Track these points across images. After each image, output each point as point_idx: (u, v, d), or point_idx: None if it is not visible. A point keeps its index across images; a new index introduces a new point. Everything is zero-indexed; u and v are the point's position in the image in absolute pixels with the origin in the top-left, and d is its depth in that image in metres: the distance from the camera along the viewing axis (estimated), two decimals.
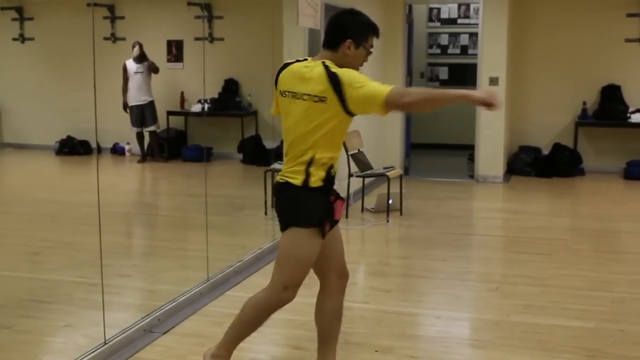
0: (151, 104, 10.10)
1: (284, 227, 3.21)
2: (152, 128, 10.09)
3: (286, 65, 3.23)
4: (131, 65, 10.05)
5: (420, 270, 5.68)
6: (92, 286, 4.45)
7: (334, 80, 3.00)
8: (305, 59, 3.20)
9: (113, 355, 3.85)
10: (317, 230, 3.14)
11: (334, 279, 3.36)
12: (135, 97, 10.06)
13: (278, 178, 3.22)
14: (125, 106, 10.02)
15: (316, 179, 3.11)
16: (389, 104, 2.94)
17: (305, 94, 3.07)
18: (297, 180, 3.12)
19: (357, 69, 3.15)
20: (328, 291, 3.37)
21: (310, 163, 3.10)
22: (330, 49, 3.16)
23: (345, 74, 3.02)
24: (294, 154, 3.14)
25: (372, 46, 3.19)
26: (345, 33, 3.12)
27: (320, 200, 3.15)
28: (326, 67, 3.04)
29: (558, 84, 9.97)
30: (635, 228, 7.07)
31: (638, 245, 6.44)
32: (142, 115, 10.07)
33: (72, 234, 6.51)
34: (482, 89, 3.20)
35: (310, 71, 3.08)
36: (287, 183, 3.15)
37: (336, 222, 3.30)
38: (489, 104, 2.93)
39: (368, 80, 3.00)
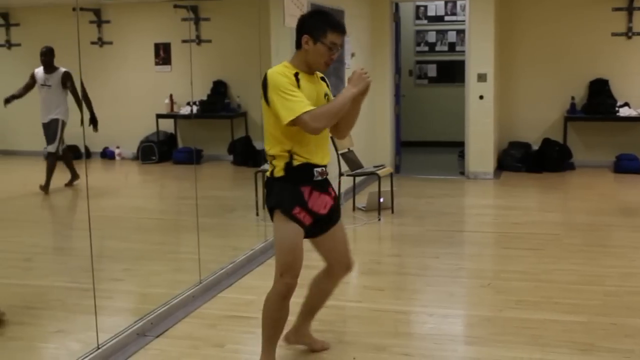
0: (54, 122, 8.18)
1: (270, 213, 3.48)
2: (49, 149, 8.17)
3: None
4: (40, 75, 8.26)
5: (413, 268, 5.69)
6: (84, 291, 4.42)
7: (264, 83, 3.26)
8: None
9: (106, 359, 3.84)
10: (286, 216, 3.33)
11: (338, 269, 3.68)
12: (43, 114, 8.29)
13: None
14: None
15: (278, 169, 3.36)
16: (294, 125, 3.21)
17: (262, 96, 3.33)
18: (268, 172, 3.44)
19: (321, 65, 3.32)
20: (331, 275, 3.69)
21: (273, 156, 3.37)
22: (297, 48, 3.36)
23: (273, 79, 3.23)
24: (267, 149, 3.43)
25: (333, 43, 3.28)
26: (302, 29, 3.31)
27: (285, 188, 3.35)
28: (267, 72, 3.29)
29: (546, 79, 10.01)
30: (625, 222, 7.11)
31: (629, 238, 6.46)
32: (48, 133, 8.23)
33: (63, 239, 6.49)
34: (351, 79, 3.25)
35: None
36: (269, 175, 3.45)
37: (323, 216, 3.45)
38: (364, 91, 3.28)
39: (288, 96, 3.17)
